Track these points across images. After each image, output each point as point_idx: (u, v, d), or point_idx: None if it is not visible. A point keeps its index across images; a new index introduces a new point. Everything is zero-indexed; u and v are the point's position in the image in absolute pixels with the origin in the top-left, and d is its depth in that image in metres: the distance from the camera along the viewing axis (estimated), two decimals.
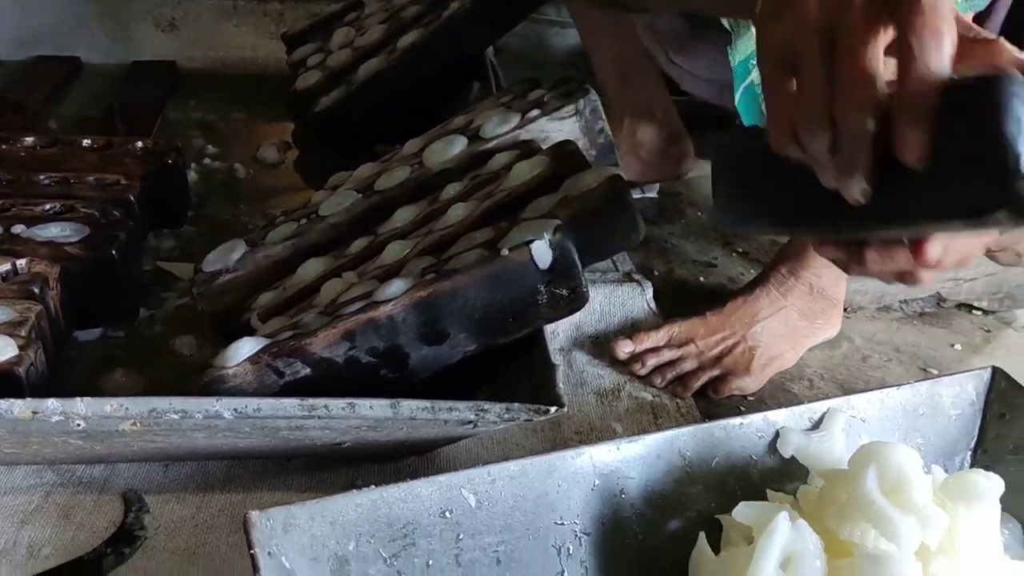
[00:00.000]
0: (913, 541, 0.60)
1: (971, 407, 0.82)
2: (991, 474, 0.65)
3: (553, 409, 0.70)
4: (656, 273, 1.21)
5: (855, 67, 0.48)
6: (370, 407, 0.69)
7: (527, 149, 0.91)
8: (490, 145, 0.94)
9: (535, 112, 0.95)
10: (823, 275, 1.02)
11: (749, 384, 0.98)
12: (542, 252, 0.75)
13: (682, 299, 1.15)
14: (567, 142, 0.89)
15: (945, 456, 0.81)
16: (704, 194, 1.40)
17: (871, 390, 0.80)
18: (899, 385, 0.81)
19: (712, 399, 0.97)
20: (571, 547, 0.70)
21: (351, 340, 0.75)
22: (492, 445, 0.90)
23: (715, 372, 0.99)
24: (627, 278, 1.14)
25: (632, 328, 1.04)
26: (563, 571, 0.70)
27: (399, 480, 0.65)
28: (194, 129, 1.51)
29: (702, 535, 0.70)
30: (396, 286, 0.76)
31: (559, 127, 0.94)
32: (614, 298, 1.09)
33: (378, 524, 0.65)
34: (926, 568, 0.57)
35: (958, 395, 0.82)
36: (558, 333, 1.05)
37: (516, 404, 0.70)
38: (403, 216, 0.90)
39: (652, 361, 0.99)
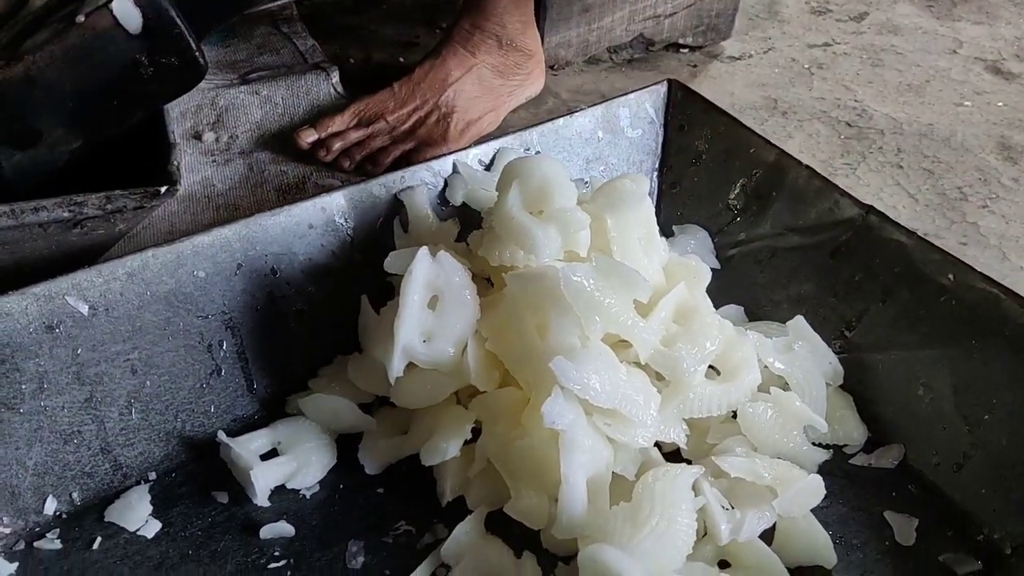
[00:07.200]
0: (552, 248, 0.56)
1: (651, 125, 0.79)
2: (638, 176, 0.62)
3: (164, 189, 0.60)
4: (352, 61, 1.11)
5: None
6: None
7: None
8: None
9: None
10: (508, 24, 0.95)
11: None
12: (127, 12, 0.62)
13: (382, 83, 1.05)
14: None
15: None
16: None
17: (543, 122, 0.75)
18: (572, 112, 0.76)
19: None
20: (224, 340, 0.63)
21: None
22: None
23: (408, 145, 0.91)
24: (313, 68, 1.03)
25: (319, 116, 0.94)
26: (219, 368, 0.63)
27: None
28: None
29: (364, 298, 0.64)
30: None
31: None
32: (296, 89, 0.98)
33: None
34: (575, 270, 0.53)
35: (636, 114, 0.78)
36: (237, 136, 0.94)
37: (117, 191, 0.60)
38: None
39: (338, 145, 0.90)
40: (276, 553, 0.56)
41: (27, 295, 0.56)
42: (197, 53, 0.66)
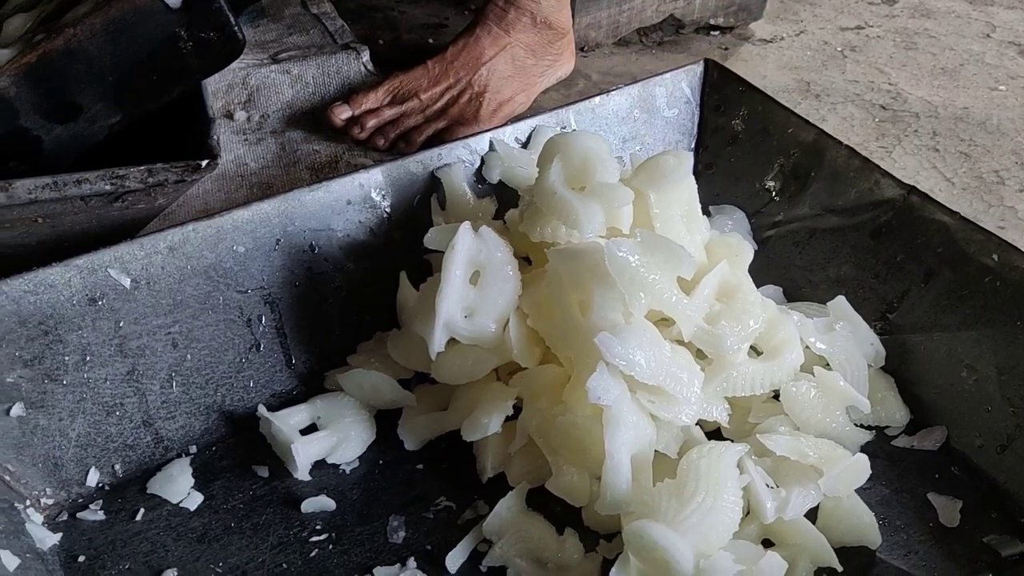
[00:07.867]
0: (595, 224, 0.55)
1: (687, 105, 0.78)
2: (680, 152, 0.61)
3: (204, 163, 0.60)
4: (382, 43, 1.10)
5: None
6: None
7: None
8: None
9: None
10: (543, 1, 0.94)
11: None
12: None
13: (411, 64, 1.05)
14: None
15: None
16: None
17: (579, 101, 0.75)
18: (608, 91, 0.76)
19: None
20: (263, 315, 0.63)
21: None
22: None
23: (441, 124, 0.91)
24: (344, 48, 1.02)
25: (351, 94, 0.94)
26: (258, 342, 0.63)
27: None
28: None
29: (403, 274, 0.64)
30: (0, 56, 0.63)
31: None
32: (327, 68, 0.98)
33: (6, 325, 0.54)
34: (620, 246, 0.53)
35: (672, 94, 0.78)
36: (268, 115, 0.94)
37: (159, 164, 0.59)
38: None
39: (372, 123, 0.90)
40: (318, 527, 0.56)
41: (70, 267, 0.56)
42: (236, 27, 0.66)
